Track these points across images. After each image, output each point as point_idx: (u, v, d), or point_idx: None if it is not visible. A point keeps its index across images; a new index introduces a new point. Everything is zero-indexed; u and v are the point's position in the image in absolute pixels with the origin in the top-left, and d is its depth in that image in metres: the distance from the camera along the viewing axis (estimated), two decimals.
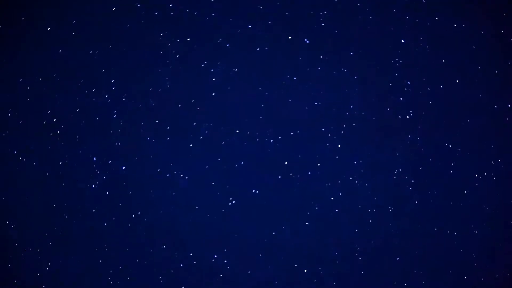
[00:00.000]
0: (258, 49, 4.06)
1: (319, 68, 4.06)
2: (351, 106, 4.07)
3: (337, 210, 4.09)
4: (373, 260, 4.07)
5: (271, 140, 4.09)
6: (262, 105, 4.09)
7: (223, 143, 4.10)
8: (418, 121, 4.06)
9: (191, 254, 4.08)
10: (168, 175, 4.08)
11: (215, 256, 4.09)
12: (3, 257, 4.01)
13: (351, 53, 4.05)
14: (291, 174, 4.09)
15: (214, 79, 4.07)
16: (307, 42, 4.03)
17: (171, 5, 4.02)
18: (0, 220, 4.04)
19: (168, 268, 4.07)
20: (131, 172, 4.08)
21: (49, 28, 4.02)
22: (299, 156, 4.10)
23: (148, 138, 4.08)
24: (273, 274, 4.09)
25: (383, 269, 4.07)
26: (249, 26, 4.04)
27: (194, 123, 4.08)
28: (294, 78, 4.07)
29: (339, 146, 4.09)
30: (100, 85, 4.06)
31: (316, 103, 4.08)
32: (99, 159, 4.06)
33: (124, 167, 4.07)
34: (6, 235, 4.02)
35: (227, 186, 4.10)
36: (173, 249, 4.08)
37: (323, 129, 4.08)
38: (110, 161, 4.07)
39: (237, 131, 4.09)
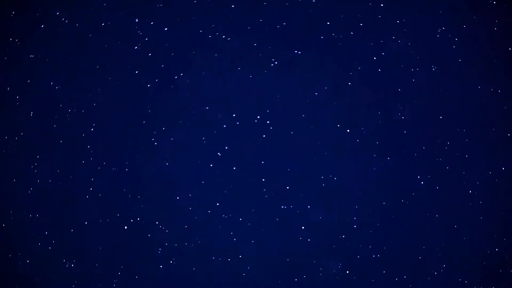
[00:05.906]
0: None
1: None
2: None
3: (379, 70, 4.08)
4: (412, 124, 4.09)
5: (313, 0, 4.08)
6: None
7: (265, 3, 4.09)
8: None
9: (234, 115, 4.10)
10: (210, 36, 4.07)
11: (258, 117, 4.10)
12: (48, 117, 4.05)
13: None
14: (333, 34, 4.08)
15: None
16: None
17: None
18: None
19: (211, 128, 4.09)
20: (173, 35, 4.07)
21: None
22: (342, 16, 4.08)
23: None
24: (316, 135, 4.10)
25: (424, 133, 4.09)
26: None
27: None
28: None
29: (381, 5, 4.07)
30: None
31: None
32: (141, 21, 4.06)
33: (166, 28, 4.07)
34: (50, 96, 4.05)
35: (269, 47, 4.09)
36: (216, 110, 4.10)
37: None
38: (152, 22, 4.07)
39: None
